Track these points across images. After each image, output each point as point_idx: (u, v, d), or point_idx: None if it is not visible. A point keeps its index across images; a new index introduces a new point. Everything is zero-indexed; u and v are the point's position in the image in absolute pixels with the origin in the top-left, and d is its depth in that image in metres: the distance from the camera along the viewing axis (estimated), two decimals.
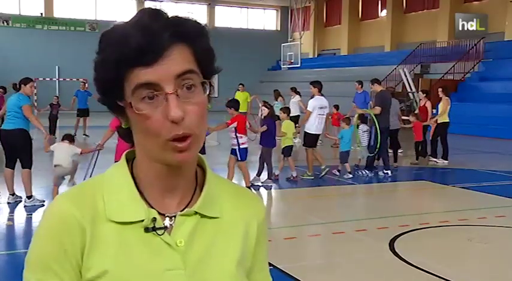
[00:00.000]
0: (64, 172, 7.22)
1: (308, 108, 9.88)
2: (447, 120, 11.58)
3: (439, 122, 11.58)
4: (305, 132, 9.91)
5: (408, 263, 5.14)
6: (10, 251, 5.68)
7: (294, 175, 9.51)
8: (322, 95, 9.92)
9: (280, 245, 5.68)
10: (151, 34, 0.90)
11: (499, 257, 5.54)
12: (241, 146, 8.29)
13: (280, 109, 10.08)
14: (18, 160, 7.30)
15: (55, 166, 7.18)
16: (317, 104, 9.67)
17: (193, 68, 0.93)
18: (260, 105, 10.24)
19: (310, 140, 9.76)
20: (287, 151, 9.50)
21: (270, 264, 1.16)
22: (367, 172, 10.16)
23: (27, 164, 7.23)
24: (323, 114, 9.72)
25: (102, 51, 0.94)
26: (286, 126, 9.48)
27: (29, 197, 7.30)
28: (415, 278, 4.86)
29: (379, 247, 5.75)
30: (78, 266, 0.95)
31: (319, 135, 9.88)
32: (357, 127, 10.66)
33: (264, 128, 8.85)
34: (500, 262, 5.39)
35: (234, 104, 8.48)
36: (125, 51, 0.90)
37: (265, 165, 9.06)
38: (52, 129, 14.76)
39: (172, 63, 0.91)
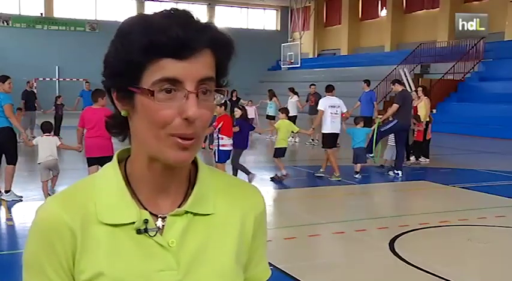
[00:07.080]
0: (53, 163, 7.39)
1: (319, 108, 9.98)
2: (428, 119, 11.89)
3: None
4: (322, 133, 9.98)
5: (408, 263, 5.14)
6: (12, 251, 5.68)
7: (279, 174, 9.43)
8: (334, 95, 10.03)
9: (280, 245, 5.68)
10: (193, 31, 0.91)
11: (499, 257, 5.54)
12: (220, 148, 8.18)
13: (279, 110, 10.08)
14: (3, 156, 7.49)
15: (41, 162, 7.32)
16: (327, 103, 9.81)
17: (213, 76, 0.95)
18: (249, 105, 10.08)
19: (328, 140, 9.77)
20: (279, 152, 9.42)
21: (270, 264, 1.16)
22: (397, 171, 10.12)
23: (12, 159, 7.45)
24: (336, 113, 9.75)
25: (127, 34, 0.92)
26: (280, 123, 9.38)
27: (7, 191, 7.51)
28: (415, 278, 4.86)
29: (379, 247, 5.75)
30: (70, 270, 0.95)
31: (337, 134, 9.86)
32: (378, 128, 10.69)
33: (237, 128, 8.62)
34: (500, 262, 5.39)
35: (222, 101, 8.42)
36: (162, 39, 0.89)
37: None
38: (56, 130, 14.77)
39: (200, 65, 0.92)
